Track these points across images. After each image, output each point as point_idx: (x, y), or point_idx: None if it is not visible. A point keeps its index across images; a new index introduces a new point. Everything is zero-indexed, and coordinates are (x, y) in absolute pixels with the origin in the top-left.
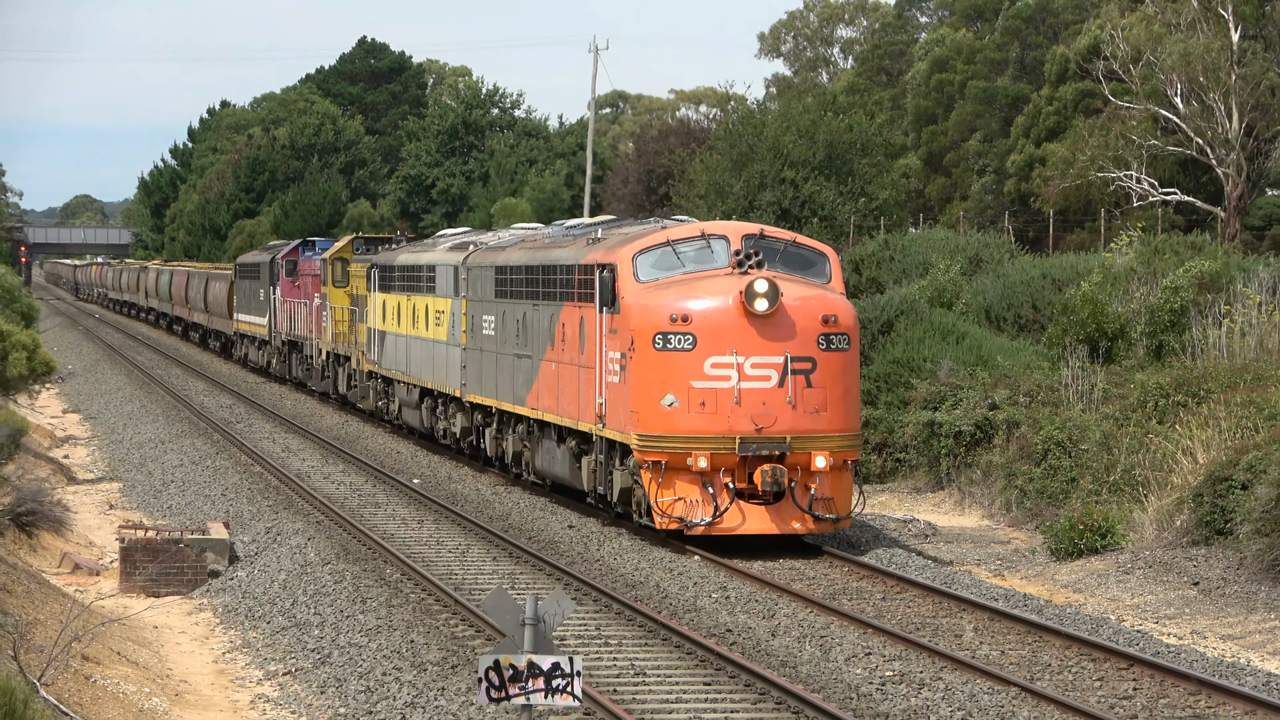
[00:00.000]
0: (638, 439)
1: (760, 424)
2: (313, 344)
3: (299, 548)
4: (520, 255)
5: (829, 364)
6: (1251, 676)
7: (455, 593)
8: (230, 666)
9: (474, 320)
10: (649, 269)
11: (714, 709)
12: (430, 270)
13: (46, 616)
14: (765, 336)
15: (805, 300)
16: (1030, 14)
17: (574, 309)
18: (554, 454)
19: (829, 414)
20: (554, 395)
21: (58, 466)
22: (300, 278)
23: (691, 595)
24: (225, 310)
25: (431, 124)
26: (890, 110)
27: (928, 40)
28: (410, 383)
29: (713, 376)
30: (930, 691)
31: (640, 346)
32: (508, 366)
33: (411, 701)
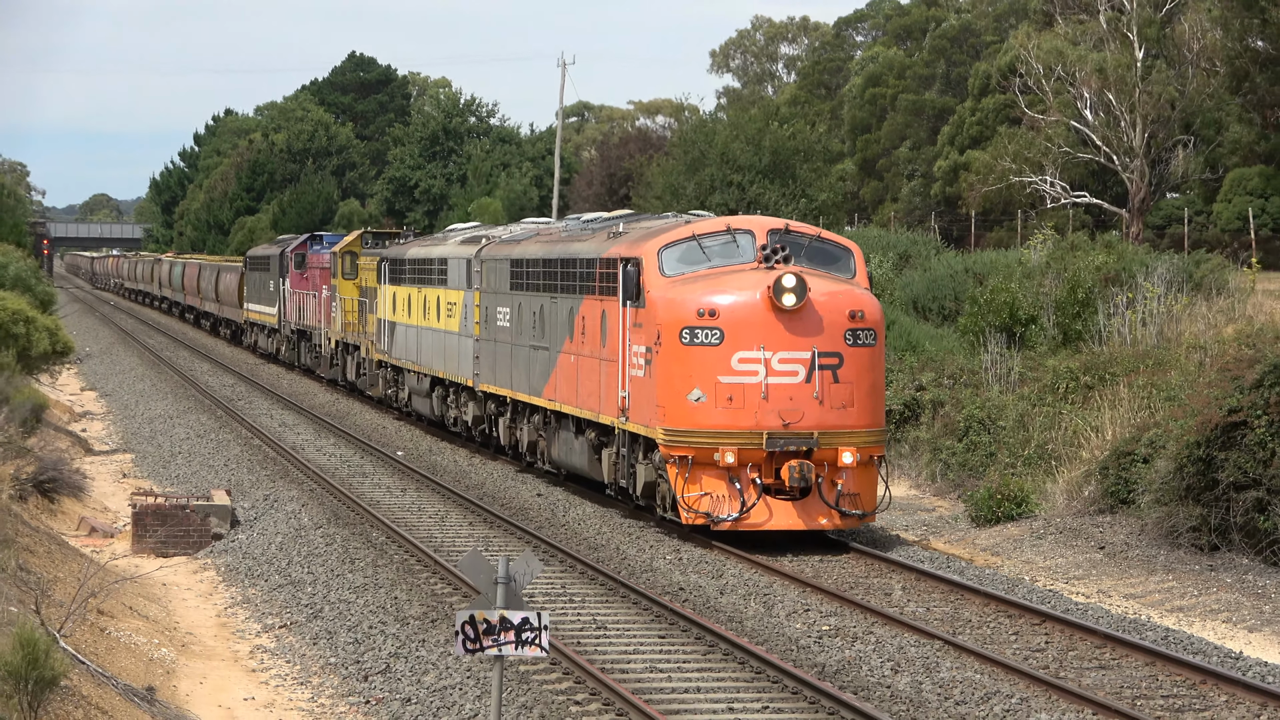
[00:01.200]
0: (664, 434)
1: (787, 419)
2: (322, 333)
3: (294, 513)
4: (537, 248)
5: (856, 359)
6: (1151, 631)
7: (435, 554)
8: (231, 620)
9: (488, 312)
10: (674, 263)
11: (668, 659)
12: (442, 263)
13: (66, 575)
14: (793, 331)
15: (832, 295)
16: (955, 34)
17: (595, 302)
18: (571, 445)
19: (856, 409)
20: (573, 387)
21: (76, 439)
22: (309, 270)
23: (648, 557)
24: (235, 300)
25: (415, 131)
26: (829, 120)
27: (863, 57)
28: (421, 372)
29: (740, 371)
30: (863, 644)
31: (667, 341)
32: (524, 358)
33: (395, 652)
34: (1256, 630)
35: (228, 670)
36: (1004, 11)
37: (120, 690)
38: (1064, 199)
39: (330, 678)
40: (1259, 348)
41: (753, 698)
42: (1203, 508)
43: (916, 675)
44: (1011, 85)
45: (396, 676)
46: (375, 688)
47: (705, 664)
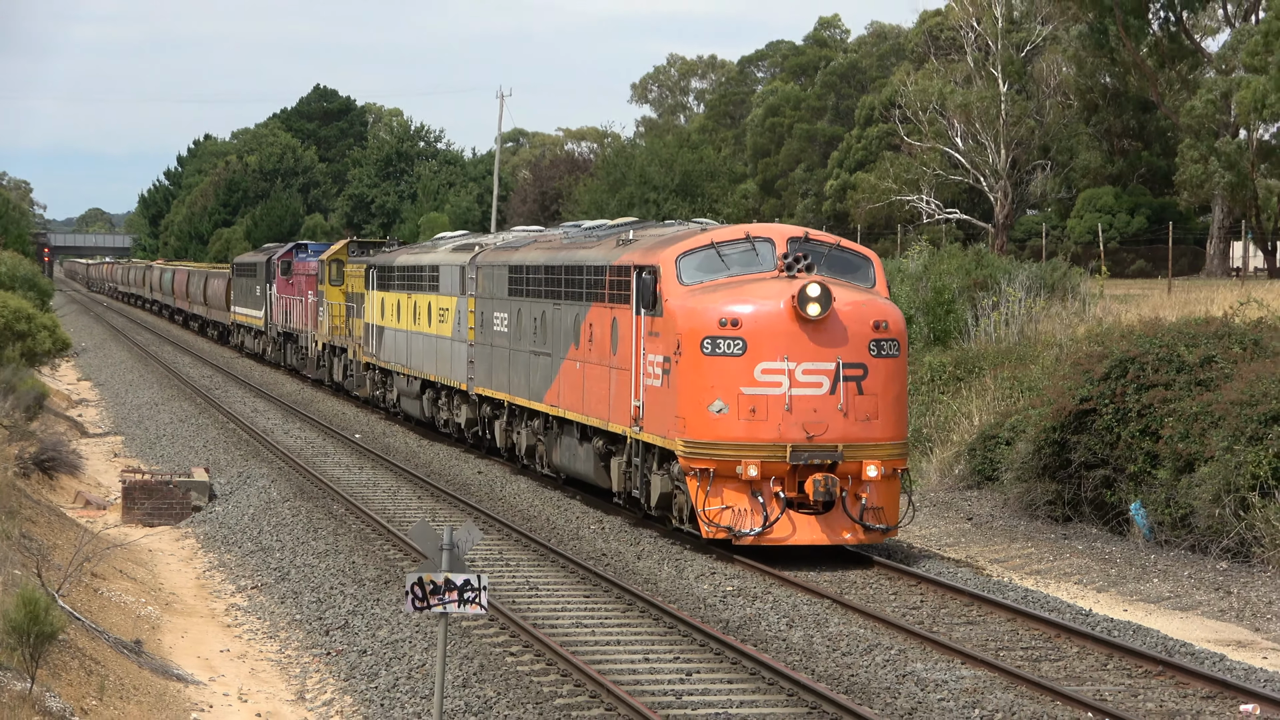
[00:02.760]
0: (684, 445)
1: (812, 432)
2: (308, 336)
3: (264, 488)
4: (538, 255)
5: (880, 370)
6: (1013, 591)
7: (387, 524)
8: (209, 582)
9: (483, 317)
10: (693, 271)
11: (592, 615)
12: (434, 270)
13: (63, 542)
14: (817, 342)
15: (856, 305)
16: (843, 71)
17: (604, 309)
18: (575, 451)
19: (880, 422)
20: (578, 394)
21: (73, 423)
22: (295, 276)
23: (575, 527)
24: (223, 304)
25: (371, 154)
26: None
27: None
28: (411, 375)
29: (763, 383)
30: (762, 603)
31: (687, 350)
32: (523, 363)
33: (353, 610)
34: (1104, 590)
35: (206, 625)
36: (886, 52)
37: (111, 643)
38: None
39: (296, 632)
40: (1106, 345)
41: (666, 649)
42: (1057, 484)
43: (808, 630)
44: (892, 116)
45: (354, 631)
46: (335, 641)
47: (624, 620)
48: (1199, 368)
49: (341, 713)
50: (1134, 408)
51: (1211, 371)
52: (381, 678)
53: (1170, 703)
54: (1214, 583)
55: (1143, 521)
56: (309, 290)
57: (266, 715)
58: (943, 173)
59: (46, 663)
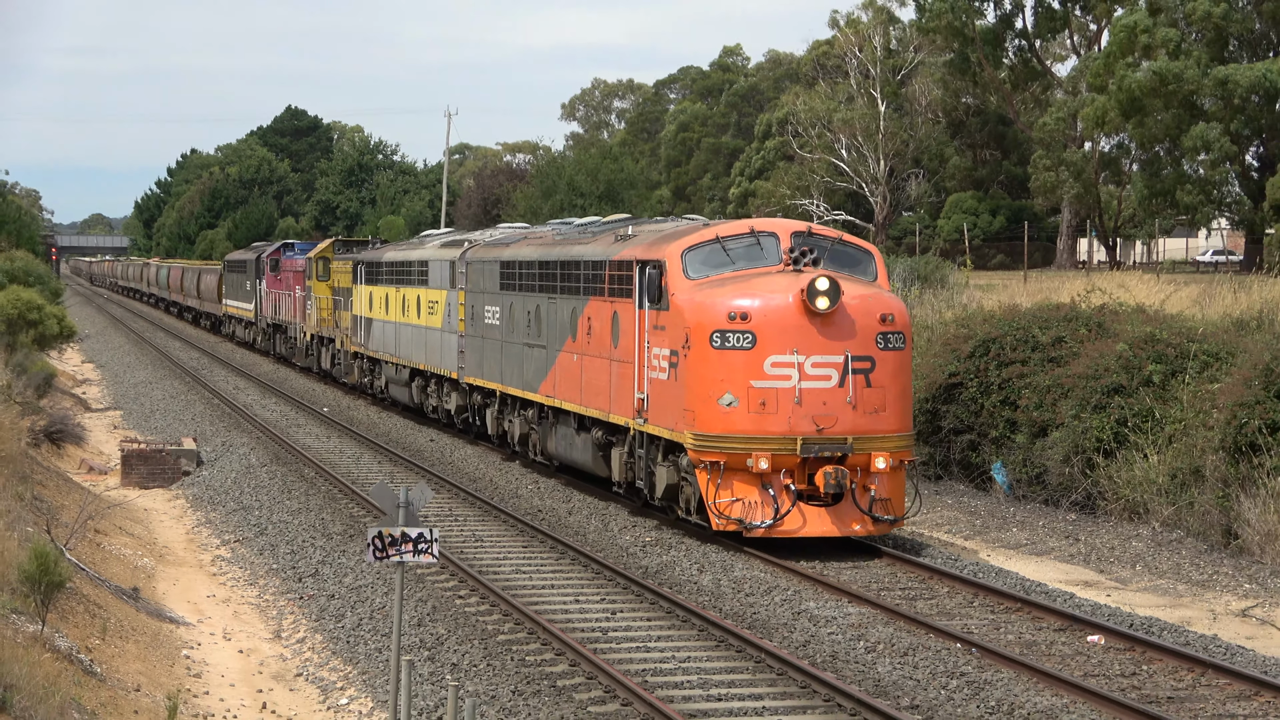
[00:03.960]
0: (693, 438)
1: (821, 424)
2: (297, 327)
3: (244, 455)
4: (530, 251)
5: (887, 363)
6: (893, 540)
7: (353, 485)
8: (197, 537)
9: (474, 310)
10: (699, 266)
11: (529, 563)
12: (423, 265)
13: (70, 503)
14: (825, 335)
15: (863, 299)
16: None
17: (604, 303)
18: (573, 441)
19: (888, 414)
20: (575, 386)
21: (77, 400)
22: (283, 273)
23: (514, 486)
24: (215, 297)
25: (336, 165)
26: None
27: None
28: (400, 363)
29: (773, 376)
30: (676, 551)
31: (696, 344)
32: (516, 354)
33: (322, 560)
34: (970, 539)
35: (194, 575)
36: (781, 76)
37: (112, 590)
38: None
39: (273, 579)
40: (971, 328)
41: (593, 592)
42: (930, 447)
43: (716, 574)
44: (786, 132)
45: (323, 578)
46: (307, 587)
47: (557, 567)
48: (1050, 346)
49: (313, 649)
50: (995, 381)
51: (1061, 350)
52: (347, 618)
53: (1028, 635)
54: (1064, 531)
55: (1003, 479)
56: (297, 285)
57: (248, 651)
58: (830, 180)
59: (56, 608)
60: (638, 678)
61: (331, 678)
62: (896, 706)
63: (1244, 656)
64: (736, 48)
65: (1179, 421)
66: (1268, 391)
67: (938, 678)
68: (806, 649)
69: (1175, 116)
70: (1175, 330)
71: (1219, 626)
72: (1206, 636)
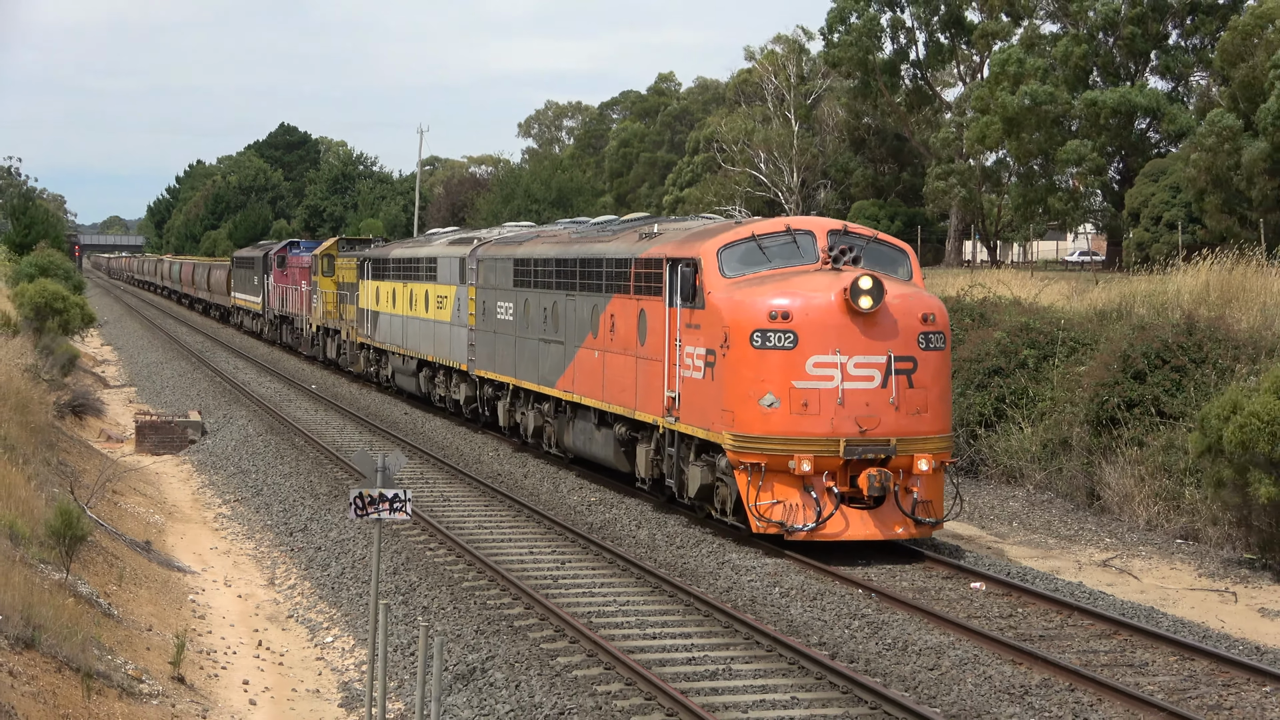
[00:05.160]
0: (732, 439)
1: (864, 426)
2: (303, 319)
3: (242, 427)
4: (546, 249)
5: (928, 363)
6: None
7: (338, 452)
8: (202, 497)
9: (485, 305)
10: (735, 264)
11: (490, 519)
12: (431, 262)
13: (90, 467)
14: (868, 335)
15: (904, 298)
16: (677, 113)
17: (629, 301)
18: (593, 435)
19: (929, 415)
20: (596, 381)
21: (97, 377)
22: (289, 269)
23: (477, 453)
24: (224, 290)
25: (323, 174)
26: (595, 169)
27: (617, 128)
28: (407, 354)
29: (815, 376)
30: (617, 510)
31: (736, 344)
32: (531, 349)
33: (311, 517)
34: None
35: (199, 530)
36: (708, 99)
37: (128, 543)
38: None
39: (268, 534)
40: None
41: (545, 545)
42: None
43: (652, 529)
44: (712, 147)
45: (311, 533)
46: (297, 540)
47: (514, 523)
48: None
49: (302, 594)
50: None
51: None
52: (332, 568)
53: (920, 582)
54: (950, 493)
55: None
56: (302, 280)
57: (246, 596)
58: (750, 189)
59: (78, 558)
60: (584, 619)
61: (318, 619)
62: (806, 643)
63: (1105, 600)
64: (670, 75)
65: (1050, 399)
66: (1125, 373)
67: (842, 619)
68: (729, 594)
69: (1047, 135)
70: (1047, 320)
71: (1084, 575)
72: (1073, 583)
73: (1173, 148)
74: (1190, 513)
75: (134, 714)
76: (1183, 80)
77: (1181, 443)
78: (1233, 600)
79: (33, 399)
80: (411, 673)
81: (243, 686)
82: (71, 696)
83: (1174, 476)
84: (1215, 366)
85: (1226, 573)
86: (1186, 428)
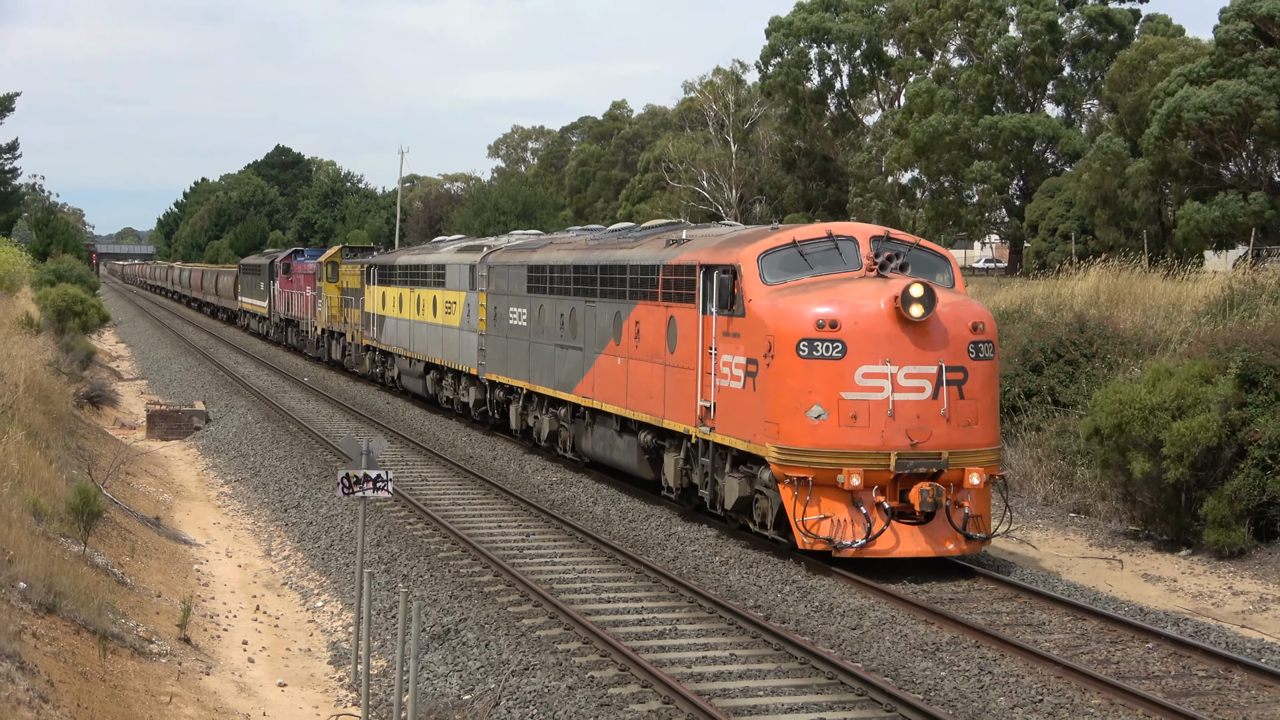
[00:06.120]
0: (777, 452)
1: (915, 439)
2: (308, 322)
3: (242, 415)
4: (562, 255)
5: (979, 374)
6: None
7: (327, 438)
8: (206, 477)
9: (497, 311)
10: (776, 271)
11: (463, 496)
12: (439, 268)
13: (106, 451)
14: (918, 345)
15: (954, 306)
16: (630, 136)
17: (655, 308)
18: (614, 442)
19: (980, 427)
20: (619, 388)
21: (112, 371)
22: (294, 275)
23: (450, 438)
24: (231, 295)
25: (314, 190)
26: (556, 186)
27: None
28: (414, 357)
29: (865, 387)
30: (576, 488)
31: (781, 353)
32: (546, 355)
33: (304, 495)
34: None
35: (204, 507)
36: (657, 124)
37: (139, 519)
38: None
39: (265, 510)
40: None
41: (513, 520)
42: None
43: (608, 505)
44: (660, 167)
45: (304, 509)
46: (291, 516)
47: (484, 500)
48: None
49: (296, 564)
50: None
51: None
52: (322, 540)
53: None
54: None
55: None
56: (307, 286)
57: (245, 565)
58: (694, 204)
59: (95, 533)
60: (545, 585)
61: (310, 586)
62: (744, 606)
63: (1006, 568)
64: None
65: None
66: (1025, 366)
67: (775, 584)
68: (675, 563)
69: (954, 157)
70: None
71: (989, 545)
72: (979, 553)
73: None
74: (1082, 490)
75: (145, 671)
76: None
77: (1074, 428)
78: (1119, 567)
79: (54, 390)
80: (392, 633)
81: (242, 646)
82: (89, 656)
83: (1067, 458)
84: (1104, 360)
85: (1114, 543)
86: (1078, 414)
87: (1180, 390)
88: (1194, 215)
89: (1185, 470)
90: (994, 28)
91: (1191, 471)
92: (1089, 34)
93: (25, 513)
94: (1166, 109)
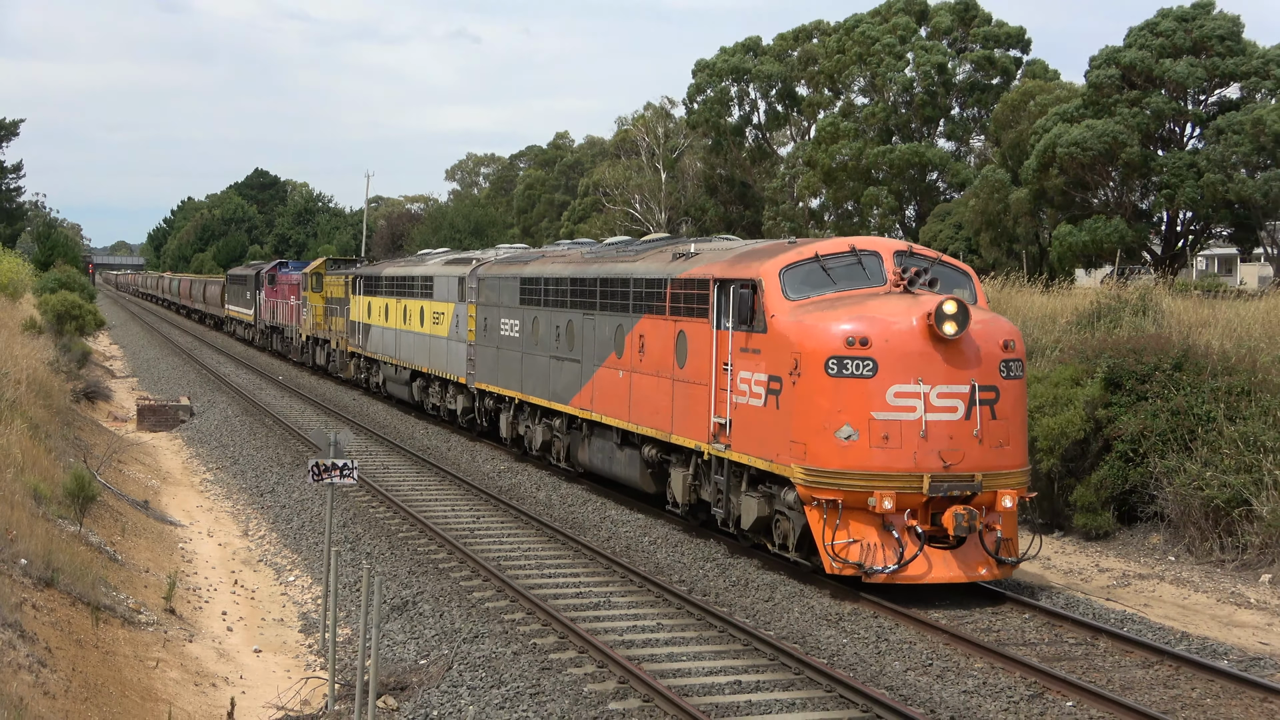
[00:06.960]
0: (804, 473)
1: (949, 460)
2: (293, 329)
3: (223, 410)
4: (559, 268)
5: (1009, 393)
6: None
7: (300, 430)
8: (190, 465)
9: (487, 322)
10: (798, 285)
11: (420, 483)
12: (427, 280)
13: (100, 441)
14: (951, 363)
15: (985, 324)
16: (571, 163)
17: (662, 322)
18: (613, 454)
19: (1011, 448)
20: (620, 402)
21: (106, 370)
22: (279, 285)
23: (410, 430)
24: (218, 302)
25: (289, 209)
26: (505, 207)
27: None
28: (400, 365)
29: (896, 407)
30: (521, 475)
31: (808, 371)
32: (540, 366)
33: (278, 481)
34: None
35: (188, 492)
36: (596, 153)
37: (130, 503)
38: None
39: (243, 495)
40: None
41: (466, 504)
42: None
43: (549, 491)
44: (598, 191)
45: (278, 494)
46: (266, 500)
47: (440, 487)
48: None
49: (271, 543)
50: None
51: None
52: (294, 522)
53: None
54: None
55: None
56: (291, 295)
57: (224, 544)
58: (627, 224)
59: (89, 515)
60: (493, 562)
61: (283, 562)
62: (670, 580)
63: None
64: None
65: None
66: None
67: (698, 561)
68: (609, 543)
69: (856, 185)
70: None
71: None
72: None
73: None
74: None
75: (134, 639)
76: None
77: None
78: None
79: (53, 387)
80: (357, 605)
81: (221, 616)
82: (83, 625)
83: None
84: None
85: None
86: None
87: (1054, 396)
88: (1066, 238)
89: (1056, 461)
90: (893, 69)
91: (1062, 463)
92: (975, 77)
93: (26, 496)
94: (1043, 144)
